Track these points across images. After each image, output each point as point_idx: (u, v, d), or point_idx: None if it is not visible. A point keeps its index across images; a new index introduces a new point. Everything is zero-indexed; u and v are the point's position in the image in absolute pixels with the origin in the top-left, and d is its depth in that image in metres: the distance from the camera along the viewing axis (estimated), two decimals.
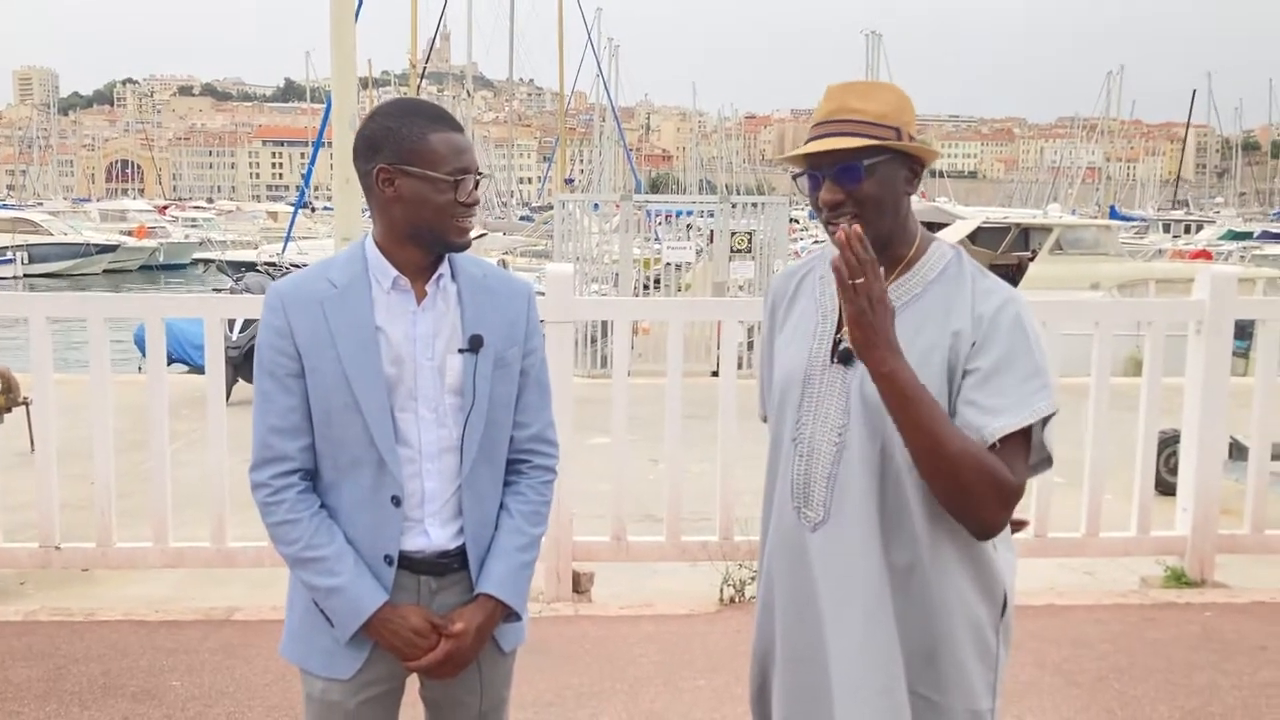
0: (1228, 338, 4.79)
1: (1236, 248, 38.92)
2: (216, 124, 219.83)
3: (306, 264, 13.70)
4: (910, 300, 1.79)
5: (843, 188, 1.76)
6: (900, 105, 1.78)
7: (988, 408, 1.69)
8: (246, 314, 6.85)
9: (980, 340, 1.72)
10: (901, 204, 1.79)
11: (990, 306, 1.75)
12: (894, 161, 1.76)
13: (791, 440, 1.85)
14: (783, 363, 1.89)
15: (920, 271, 1.81)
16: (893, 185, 1.77)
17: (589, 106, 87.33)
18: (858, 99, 1.77)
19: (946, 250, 1.83)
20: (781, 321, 1.95)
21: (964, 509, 1.68)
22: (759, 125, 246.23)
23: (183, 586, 4.83)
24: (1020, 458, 1.70)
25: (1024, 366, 1.71)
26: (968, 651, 1.78)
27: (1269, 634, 4.29)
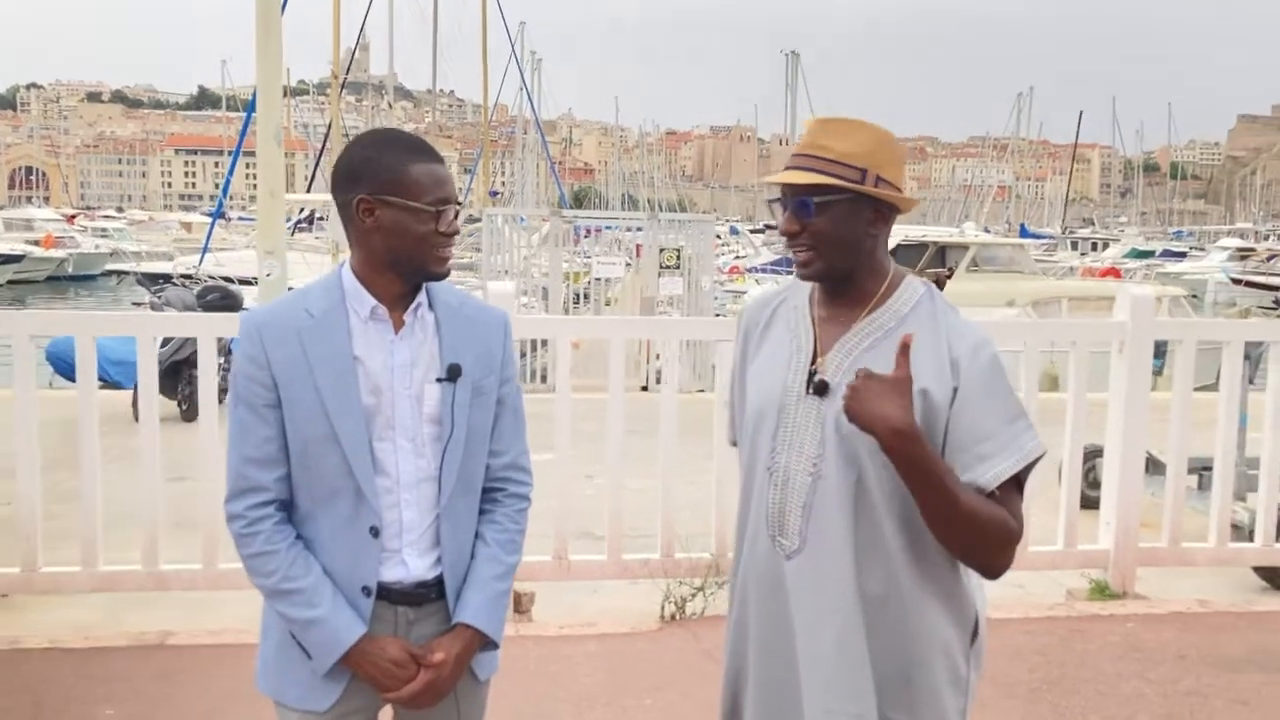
0: (1148, 357, 4.98)
1: (1141, 265, 40.27)
2: (127, 131, 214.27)
3: (226, 276, 13.44)
4: (883, 335, 1.84)
5: (799, 220, 1.82)
6: (874, 148, 1.82)
7: (981, 455, 1.75)
8: (180, 333, 6.71)
9: (960, 386, 1.78)
10: (861, 243, 1.84)
11: (965, 349, 1.80)
12: (854, 201, 1.81)
13: (766, 469, 1.88)
14: (756, 391, 1.93)
15: (892, 307, 1.86)
16: (848, 223, 1.81)
17: (511, 119, 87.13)
18: (830, 136, 1.82)
19: (918, 287, 1.89)
20: (755, 349, 1.99)
21: (978, 558, 1.77)
22: (679, 141, 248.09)
23: (111, 611, 4.70)
24: (1016, 498, 1.78)
25: (1007, 409, 1.78)
26: (941, 677, 1.83)
27: (1188, 644, 4.45)
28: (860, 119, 1.84)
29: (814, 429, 1.83)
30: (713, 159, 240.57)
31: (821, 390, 1.83)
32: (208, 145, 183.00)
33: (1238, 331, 5.31)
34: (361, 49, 42.45)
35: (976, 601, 1.90)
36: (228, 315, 9.31)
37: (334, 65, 24.35)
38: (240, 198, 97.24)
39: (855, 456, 1.79)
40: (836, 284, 1.88)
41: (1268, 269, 41.37)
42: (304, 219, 28.44)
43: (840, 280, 1.86)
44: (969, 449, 1.75)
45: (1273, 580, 5.31)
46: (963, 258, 16.80)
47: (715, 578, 4.72)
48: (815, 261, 1.83)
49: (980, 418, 1.76)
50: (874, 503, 1.79)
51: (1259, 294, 33.36)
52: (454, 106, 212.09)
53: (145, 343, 4.46)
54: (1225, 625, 4.68)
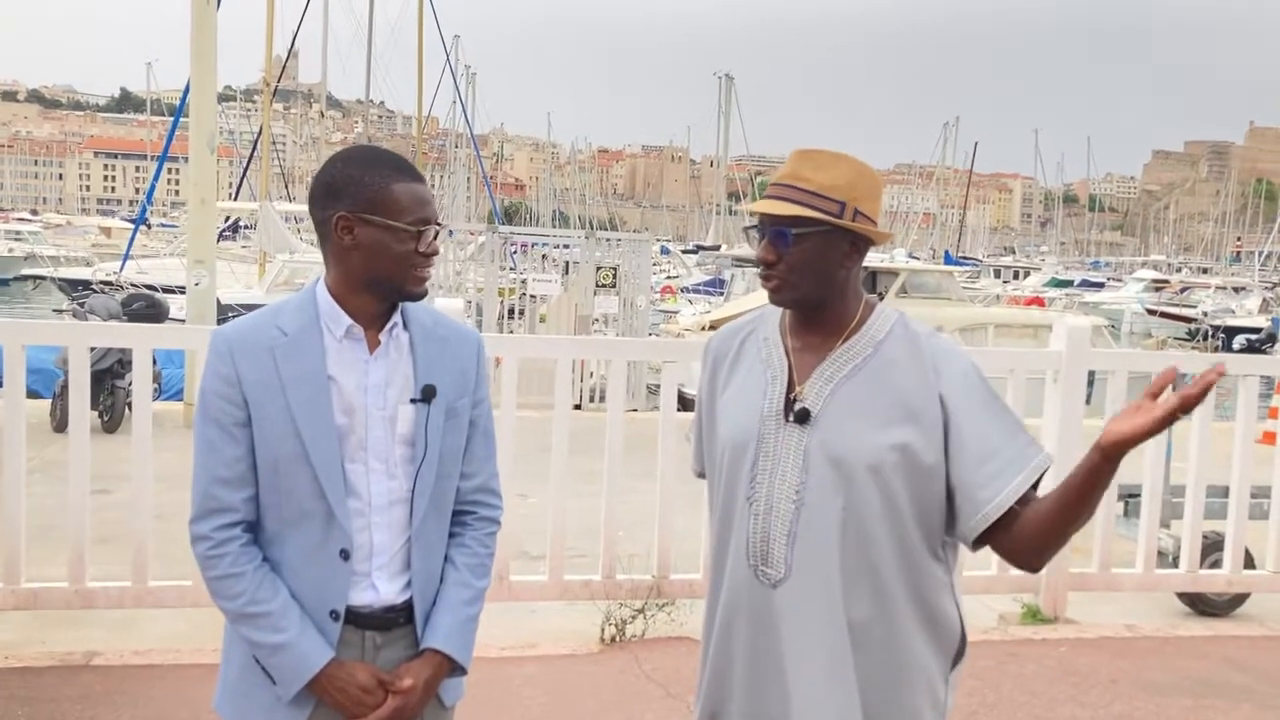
0: (1082, 387, 5.09)
1: (1061, 295, 41.29)
2: (44, 132, 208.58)
3: (148, 284, 13.12)
4: (862, 362, 1.86)
5: (775, 250, 1.84)
6: (854, 181, 1.84)
7: (993, 473, 1.78)
8: (116, 343, 6.51)
9: (954, 413, 1.80)
10: (836, 274, 1.86)
11: (953, 375, 1.83)
12: (832, 234, 1.83)
13: (746, 499, 1.87)
14: (730, 422, 1.93)
15: (868, 334, 1.88)
16: (824, 255, 1.84)
17: (443, 132, 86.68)
18: (811, 168, 1.83)
19: (890, 313, 1.92)
20: (725, 380, 1.99)
21: (1051, 548, 1.85)
22: (612, 160, 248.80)
23: (32, 629, 4.53)
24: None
25: (1006, 425, 1.82)
26: (923, 701, 1.84)
27: (1118, 668, 4.55)
28: (840, 151, 1.86)
29: (795, 457, 1.84)
30: (644, 178, 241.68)
31: (803, 418, 1.84)
32: (129, 149, 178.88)
33: (1166, 363, 5.45)
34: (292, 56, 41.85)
35: (960, 622, 1.91)
36: (161, 326, 9.14)
37: (266, 72, 23.97)
38: (161, 204, 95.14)
39: (843, 482, 1.80)
40: (809, 313, 1.90)
41: (1181, 300, 42.74)
42: (228, 227, 27.94)
43: (812, 309, 1.88)
44: (979, 469, 1.78)
45: (1195, 605, 5.46)
46: (892, 283, 17.07)
47: (655, 600, 4.71)
48: (787, 290, 1.85)
49: (984, 438, 1.79)
50: (861, 529, 1.80)
51: (1173, 325, 34.40)
52: (384, 117, 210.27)
53: (79, 352, 4.31)
54: (1153, 650, 4.80)
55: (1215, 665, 4.63)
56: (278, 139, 53.46)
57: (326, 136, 68.82)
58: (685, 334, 15.68)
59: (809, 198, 1.81)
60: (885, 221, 15.12)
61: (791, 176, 1.84)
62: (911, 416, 1.80)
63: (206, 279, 9.85)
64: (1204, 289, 47.20)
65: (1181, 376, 5.85)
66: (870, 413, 1.81)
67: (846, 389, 1.84)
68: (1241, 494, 5.29)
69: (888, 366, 1.85)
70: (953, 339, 2.24)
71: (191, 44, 9.82)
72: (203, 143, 9.88)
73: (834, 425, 1.82)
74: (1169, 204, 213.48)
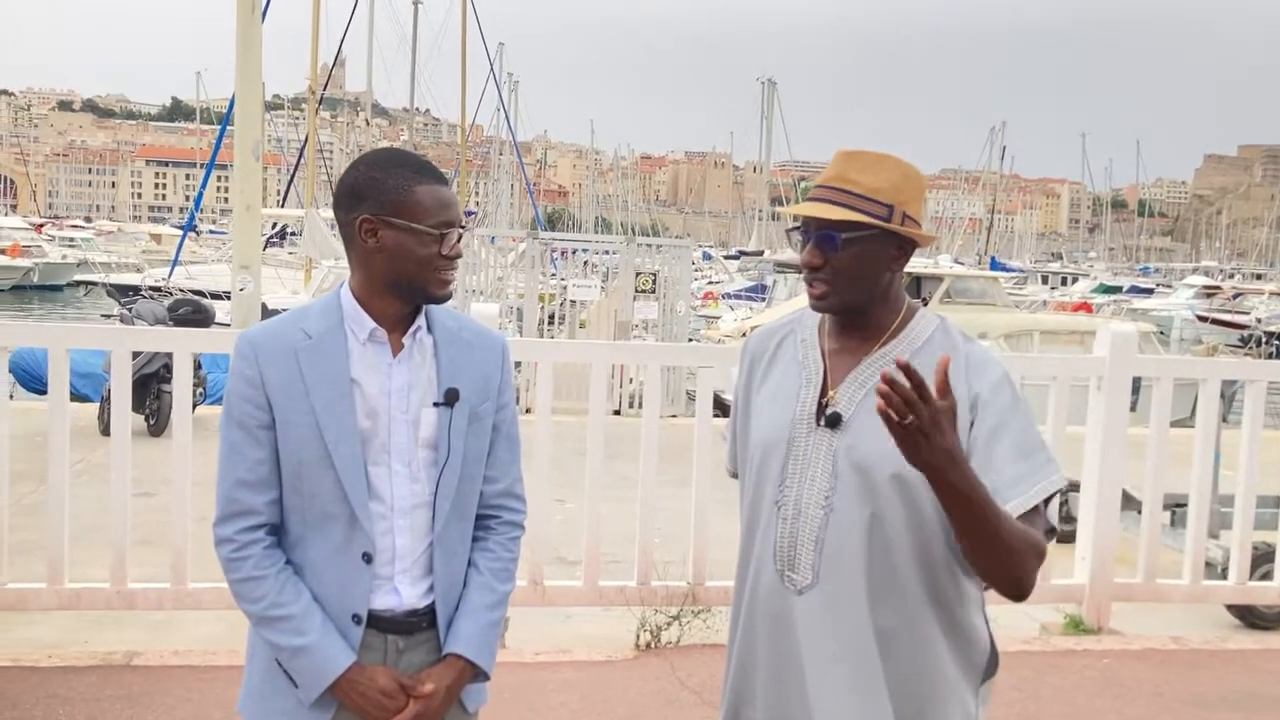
0: (1126, 393, 5.00)
1: (1109, 301, 40.73)
2: (97, 141, 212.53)
3: (197, 289, 13.30)
4: None
5: (822, 254, 1.80)
6: (900, 183, 1.79)
7: (1002, 485, 1.72)
8: (156, 347, 6.60)
9: (980, 419, 1.75)
10: (881, 278, 1.82)
11: (986, 383, 1.78)
12: (879, 237, 1.78)
13: (774, 503, 1.85)
14: (763, 423, 1.90)
15: (906, 339, 1.84)
16: (872, 260, 1.80)
17: (486, 139, 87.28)
18: (858, 170, 1.79)
19: (932, 319, 1.87)
20: (760, 380, 1.96)
21: (1013, 581, 1.71)
22: (654, 166, 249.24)
23: (74, 630, 4.60)
24: (1038, 523, 1.74)
25: (1026, 442, 1.75)
26: (954, 713, 1.80)
27: (1163, 680, 4.46)
28: (887, 153, 1.82)
29: (825, 462, 1.80)
30: (687, 184, 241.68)
31: (834, 422, 1.81)
32: (179, 157, 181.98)
33: (1215, 370, 5.36)
34: (338, 65, 42.36)
35: (986, 638, 1.86)
36: (204, 330, 9.25)
37: (311, 80, 24.21)
38: (210, 211, 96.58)
39: (869, 490, 1.76)
40: (850, 317, 1.86)
41: (1233, 307, 41.97)
42: (275, 234, 28.27)
43: (855, 313, 1.84)
44: (989, 479, 1.72)
45: (1245, 618, 5.34)
46: (937, 289, 16.92)
47: (691, 607, 4.69)
48: (832, 295, 1.81)
49: (1001, 450, 1.74)
50: (889, 537, 1.76)
51: (1224, 331, 33.79)
52: (429, 125, 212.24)
53: (121, 356, 4.37)
54: (1200, 663, 4.69)
55: (1266, 679, 4.52)
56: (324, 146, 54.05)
57: (372, 144, 69.58)
58: (726, 340, 15.63)
59: (856, 200, 1.77)
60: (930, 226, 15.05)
61: (837, 179, 1.80)
62: None
63: (251, 284, 9.95)
64: (1257, 295, 46.34)
65: (1231, 384, 5.76)
66: None
67: (877, 395, 1.80)
68: None
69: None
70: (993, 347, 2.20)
71: (237, 54, 9.93)
72: (248, 150, 9.98)
73: (863, 431, 1.79)
74: (1221, 209, 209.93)
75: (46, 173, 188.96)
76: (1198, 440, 5.16)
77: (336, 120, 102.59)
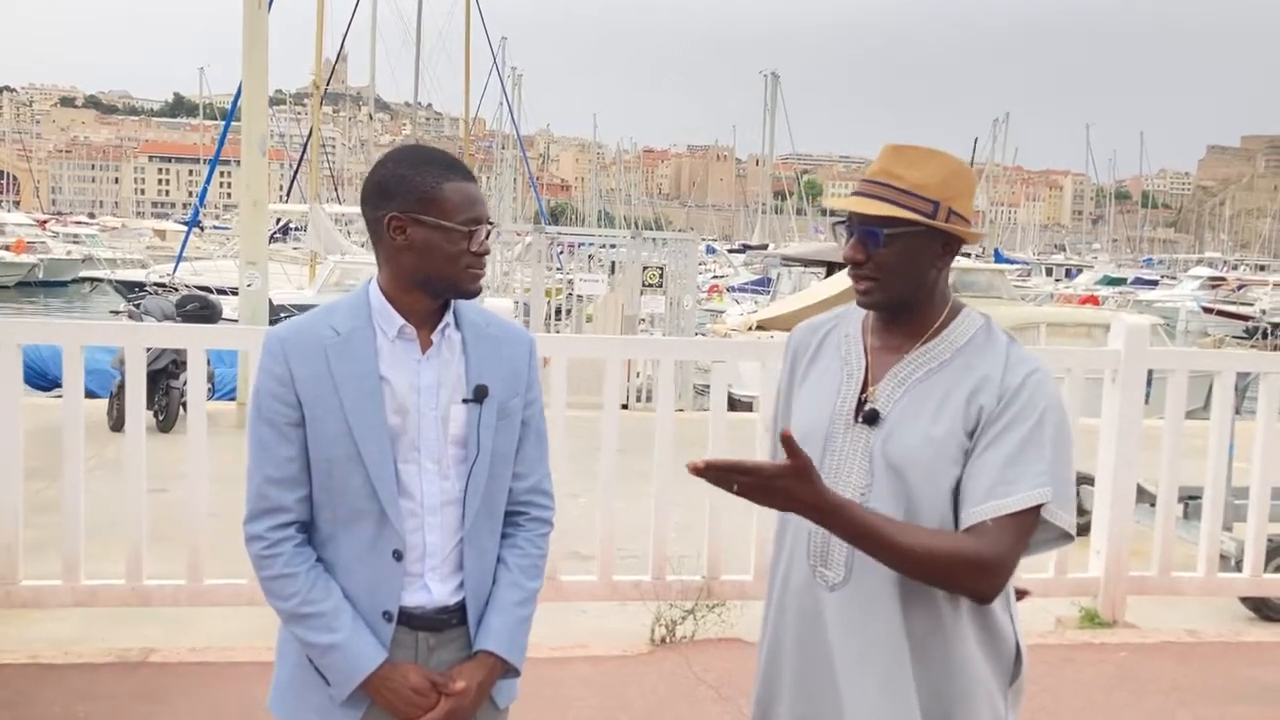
0: (1141, 386, 4.99)
1: (1114, 293, 40.66)
2: (100, 137, 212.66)
3: (203, 285, 13.27)
4: (937, 366, 1.80)
5: (865, 249, 1.78)
6: (947, 179, 1.77)
7: (985, 485, 1.70)
8: (169, 344, 6.61)
9: (998, 411, 1.73)
10: (926, 275, 1.80)
11: (1016, 379, 1.75)
12: (924, 234, 1.77)
13: None
14: (803, 417, 1.89)
15: (949, 338, 1.83)
16: (916, 256, 1.78)
17: (489, 133, 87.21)
18: (903, 165, 1.77)
19: (976, 318, 1.85)
20: (803, 375, 1.95)
21: (953, 590, 1.72)
22: (657, 160, 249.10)
23: (90, 627, 4.60)
24: (1010, 530, 1.69)
25: (1033, 448, 1.71)
26: (985, 715, 1.79)
27: (1180, 674, 4.45)
28: (934, 147, 1.80)
29: (862, 458, 1.79)
30: (689, 178, 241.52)
31: (872, 419, 1.80)
32: (183, 153, 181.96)
33: (1228, 362, 5.35)
34: (341, 60, 42.28)
35: (1015, 641, 1.85)
36: (216, 326, 9.26)
37: (315, 75, 24.17)
38: (214, 206, 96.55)
39: (904, 488, 1.75)
40: (895, 313, 1.84)
41: (1238, 298, 41.88)
42: (279, 229, 28.25)
43: (899, 310, 1.83)
44: (976, 476, 1.71)
45: (1260, 611, 5.33)
46: None
47: (705, 601, 4.68)
48: (876, 291, 1.80)
49: (997, 453, 1.71)
50: None
51: (1229, 323, 33.72)
52: (431, 120, 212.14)
53: (135, 353, 4.37)
54: (1216, 656, 4.68)
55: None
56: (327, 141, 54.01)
57: (375, 139, 69.50)
58: (731, 334, 15.62)
59: (901, 196, 1.75)
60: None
61: (883, 173, 1.78)
62: (970, 424, 1.74)
63: (259, 280, 9.96)
64: (1261, 286, 46.23)
65: (1244, 376, 5.74)
66: (936, 419, 1.75)
67: (917, 393, 1.79)
68: None
69: (964, 373, 1.78)
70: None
71: (243, 47, 9.94)
72: (254, 145, 9.99)
73: (899, 429, 1.78)
74: (1225, 200, 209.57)
75: (49, 169, 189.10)
76: (1212, 433, 5.15)
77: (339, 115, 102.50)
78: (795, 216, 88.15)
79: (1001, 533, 1.68)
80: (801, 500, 1.60)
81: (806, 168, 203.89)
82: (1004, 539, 1.68)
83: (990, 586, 1.69)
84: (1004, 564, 1.68)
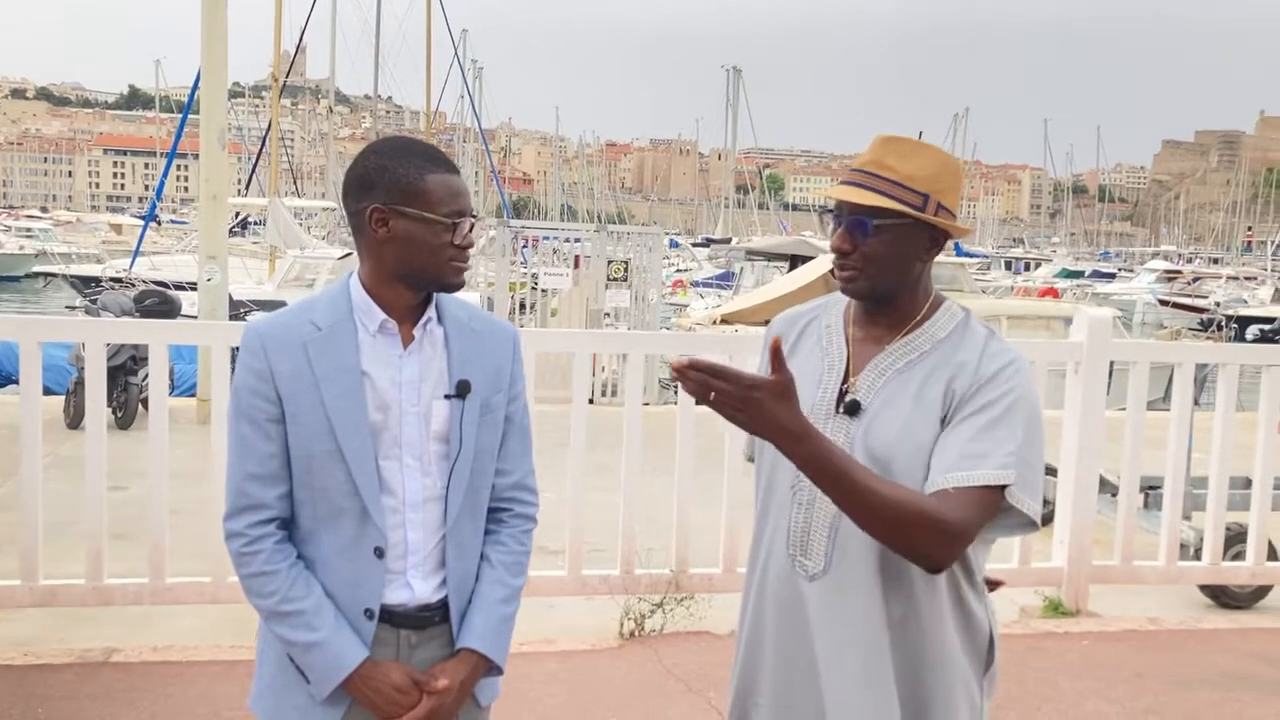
0: (1104, 378, 5.04)
1: (1072, 285, 41.17)
2: (53, 130, 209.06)
3: (160, 280, 13.09)
4: (917, 358, 1.81)
5: (852, 239, 1.78)
6: (938, 172, 1.77)
7: (952, 458, 1.69)
8: (131, 339, 6.52)
9: (971, 394, 1.74)
10: (911, 268, 1.81)
11: (992, 367, 1.76)
12: (912, 226, 1.77)
13: (791, 488, 1.83)
14: None
15: (929, 331, 1.83)
16: (903, 248, 1.78)
17: (450, 126, 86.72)
18: (895, 156, 1.77)
19: (957, 311, 1.86)
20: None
21: (906, 550, 1.68)
22: (620, 153, 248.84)
23: (50, 627, 4.52)
24: (974, 503, 1.67)
25: (1002, 429, 1.71)
26: (960, 705, 1.80)
27: (1143, 662, 4.51)
28: (925, 141, 1.81)
29: (843, 449, 1.80)
30: (652, 171, 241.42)
31: (853, 410, 1.80)
32: (138, 146, 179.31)
33: (1189, 354, 5.43)
34: (300, 52, 41.83)
35: (990, 630, 1.87)
36: (178, 322, 9.13)
37: (274, 68, 23.96)
38: (171, 200, 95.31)
39: (886, 477, 1.75)
40: (877, 304, 1.84)
41: (1193, 291, 42.57)
42: (238, 224, 27.93)
43: (881, 300, 1.83)
44: (947, 447, 1.71)
45: (1218, 598, 5.41)
46: None
47: (674, 594, 4.69)
48: (861, 280, 1.80)
49: (967, 429, 1.71)
50: None
51: (1185, 315, 34.27)
52: (392, 112, 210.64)
53: (95, 349, 4.30)
54: (1177, 643, 4.75)
55: (1241, 659, 4.59)
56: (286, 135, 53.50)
57: (335, 132, 68.85)
58: (696, 328, 15.64)
59: (891, 187, 1.75)
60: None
61: (874, 164, 1.78)
62: (941, 414, 1.75)
63: (219, 275, 9.84)
64: (1215, 279, 47.01)
65: (1203, 367, 5.83)
66: (916, 411, 1.76)
67: (897, 384, 1.79)
68: (1264, 485, 5.23)
69: (942, 364, 1.79)
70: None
71: (201, 39, 9.80)
72: (214, 138, 9.85)
73: (881, 420, 1.78)
74: (1179, 194, 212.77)
75: (0, 163, 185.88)
76: (1172, 423, 5.22)
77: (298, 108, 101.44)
78: (758, 210, 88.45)
79: (965, 502, 1.66)
80: (775, 419, 1.56)
81: (769, 162, 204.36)
82: (966, 509, 1.66)
83: (945, 553, 1.67)
84: (962, 533, 1.66)
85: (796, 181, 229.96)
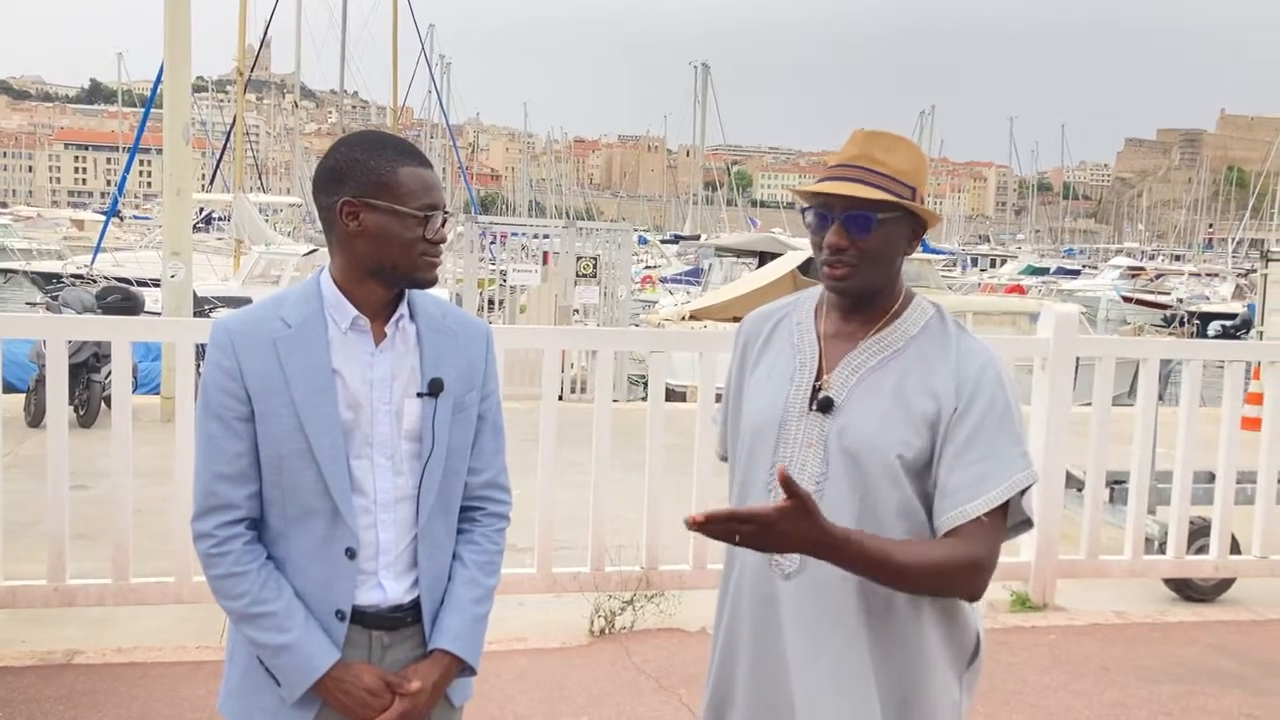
0: (1070, 374, 5.08)
1: (1038, 282, 41.55)
2: (12, 124, 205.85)
3: (122, 277, 12.94)
4: (891, 354, 1.81)
5: (849, 235, 1.76)
6: (919, 165, 1.78)
7: (969, 481, 1.70)
8: (94, 337, 6.41)
9: (963, 407, 1.74)
10: (897, 261, 1.80)
11: (973, 370, 1.76)
12: (902, 220, 1.77)
13: (766, 486, 1.82)
14: (755, 406, 1.88)
15: (901, 327, 1.83)
16: (895, 242, 1.78)
17: (417, 122, 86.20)
18: (882, 150, 1.77)
19: (928, 307, 1.85)
20: (754, 363, 1.93)
21: (948, 594, 1.75)
22: (588, 150, 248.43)
23: (11, 628, 4.43)
24: (998, 526, 1.72)
25: (1005, 436, 1.73)
26: (939, 702, 1.80)
27: (1109, 655, 4.55)
28: (899, 135, 1.80)
29: (817, 446, 1.79)
30: (621, 168, 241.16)
31: (826, 407, 1.79)
32: (100, 140, 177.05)
33: (1154, 350, 5.48)
34: (264, 46, 41.48)
35: (976, 623, 1.87)
36: (142, 319, 9.01)
37: (239, 62, 23.68)
38: (134, 196, 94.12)
39: (860, 475, 1.75)
40: (856, 300, 1.83)
41: (1156, 288, 43.09)
42: (202, 219, 27.63)
43: (864, 297, 1.82)
44: (959, 473, 1.71)
45: (1182, 591, 5.47)
46: None
47: (644, 591, 4.68)
48: (856, 277, 1.77)
49: (975, 442, 1.72)
50: (879, 522, 1.75)
51: (1148, 312, 34.67)
52: (358, 108, 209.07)
53: (57, 347, 4.22)
54: (1142, 637, 4.80)
55: (1205, 651, 4.64)
56: (251, 130, 52.89)
57: (300, 127, 68.27)
58: (665, 324, 15.64)
59: (887, 181, 1.74)
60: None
61: (863, 158, 1.76)
62: (928, 414, 1.75)
63: (183, 271, 9.73)
64: (1178, 276, 47.59)
65: (1167, 363, 5.89)
66: (891, 408, 1.75)
67: (871, 381, 1.79)
68: (1227, 479, 5.30)
69: (916, 361, 1.79)
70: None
71: (165, 33, 9.68)
72: (178, 132, 9.74)
73: (855, 417, 1.77)
74: (1142, 191, 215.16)
75: None
76: (1138, 419, 5.26)
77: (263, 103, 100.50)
78: (726, 207, 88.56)
79: (989, 529, 1.70)
80: (808, 539, 1.57)
81: (737, 158, 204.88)
82: (991, 535, 1.71)
83: (983, 585, 1.72)
84: (994, 560, 1.72)
85: (764, 178, 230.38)
